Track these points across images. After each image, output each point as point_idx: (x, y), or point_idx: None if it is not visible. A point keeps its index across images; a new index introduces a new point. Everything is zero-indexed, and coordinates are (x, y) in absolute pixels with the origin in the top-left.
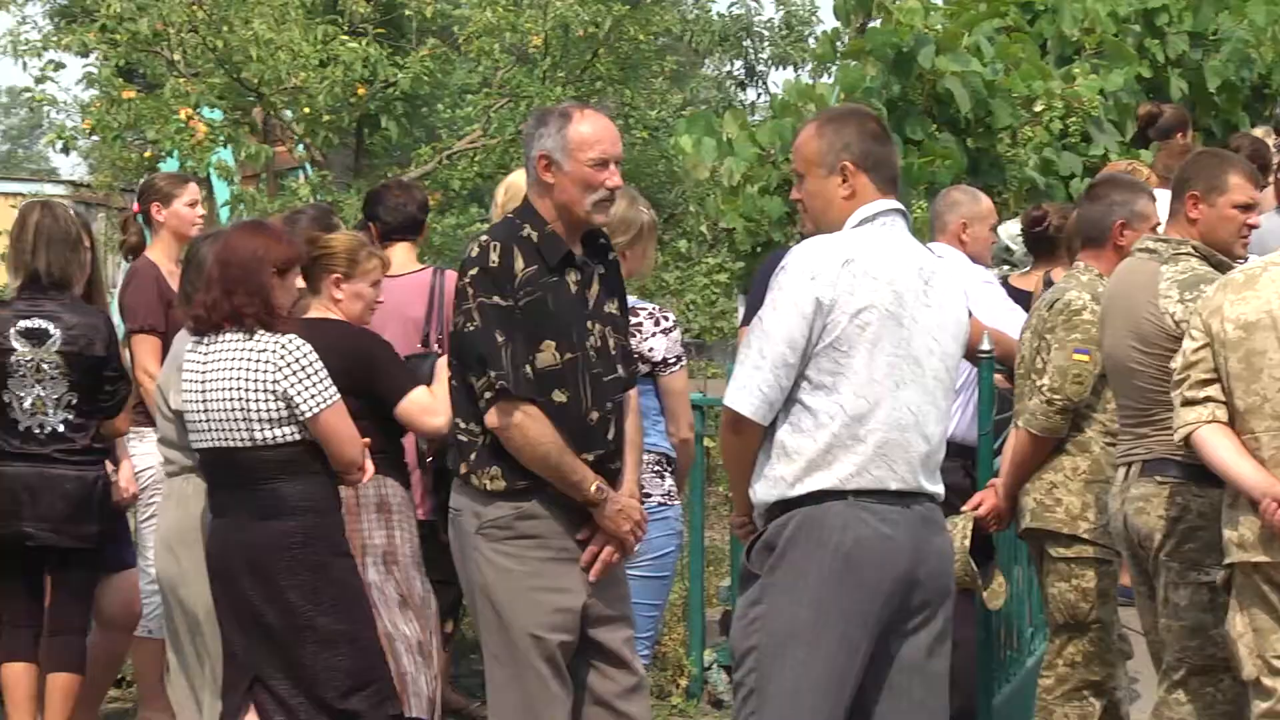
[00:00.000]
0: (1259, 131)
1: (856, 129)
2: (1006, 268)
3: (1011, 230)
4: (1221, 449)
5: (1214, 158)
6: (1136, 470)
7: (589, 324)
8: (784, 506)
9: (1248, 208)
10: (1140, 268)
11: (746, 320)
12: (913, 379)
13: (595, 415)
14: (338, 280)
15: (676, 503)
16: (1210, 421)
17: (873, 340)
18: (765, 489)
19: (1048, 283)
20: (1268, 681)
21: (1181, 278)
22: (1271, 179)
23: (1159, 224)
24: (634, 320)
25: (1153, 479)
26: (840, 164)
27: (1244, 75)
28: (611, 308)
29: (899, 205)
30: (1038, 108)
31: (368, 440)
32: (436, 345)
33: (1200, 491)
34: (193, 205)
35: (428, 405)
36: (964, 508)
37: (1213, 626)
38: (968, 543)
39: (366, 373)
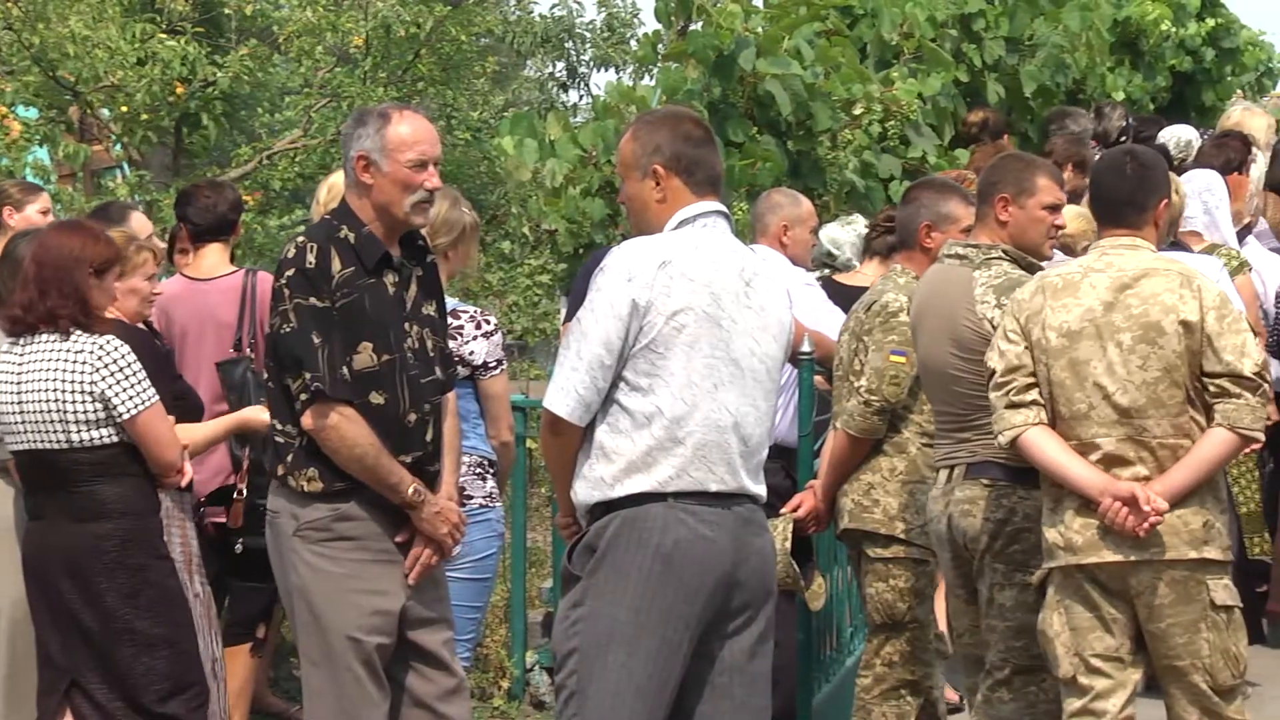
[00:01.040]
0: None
1: (670, 132)
2: (827, 270)
3: (832, 233)
4: (1051, 450)
5: (1020, 161)
6: (960, 473)
7: (406, 326)
8: (605, 508)
9: (1055, 208)
10: (952, 274)
11: (568, 321)
12: (732, 380)
13: (413, 417)
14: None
15: (498, 505)
16: (1037, 424)
17: (690, 342)
18: (586, 490)
19: None
20: (1084, 680)
21: (996, 282)
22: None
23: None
24: (455, 323)
25: (978, 481)
26: (652, 167)
27: (1059, 80)
28: (429, 309)
29: (720, 207)
30: (857, 111)
31: (187, 443)
32: (249, 350)
33: (1025, 494)
34: (45, 213)
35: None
36: (784, 510)
37: (1029, 629)
38: (789, 544)
39: None
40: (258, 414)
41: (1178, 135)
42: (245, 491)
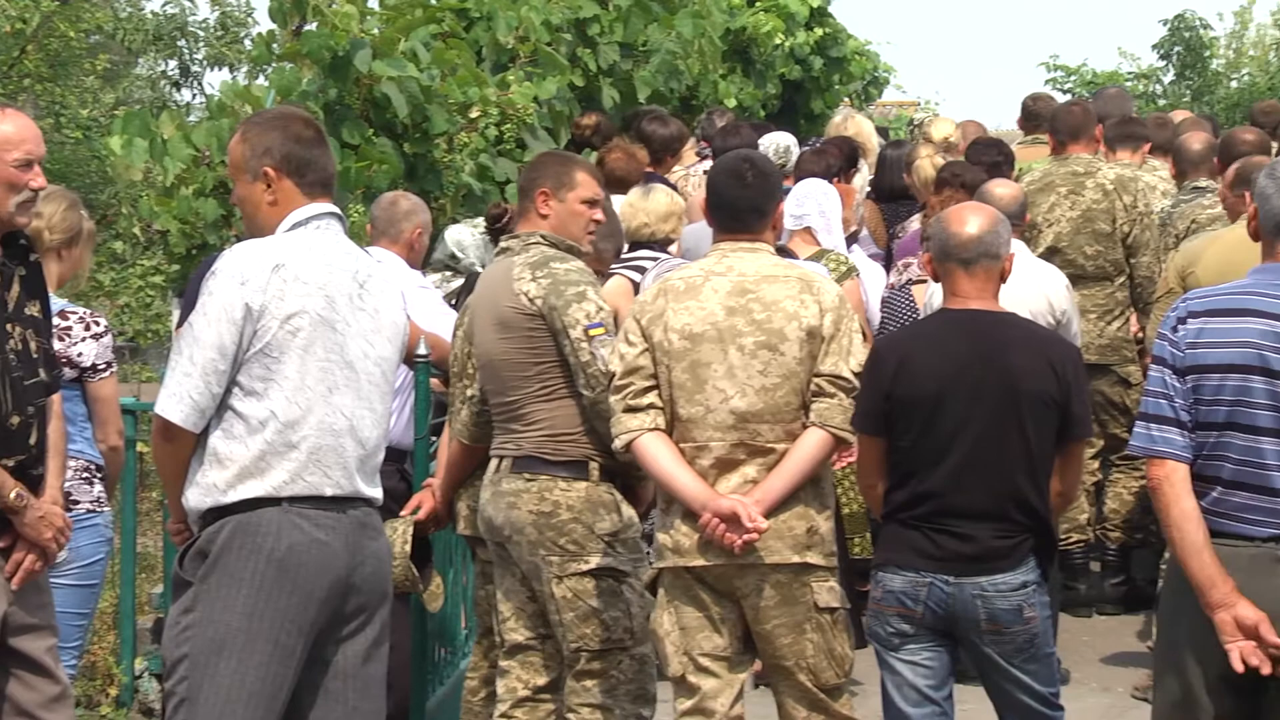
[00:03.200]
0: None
1: (280, 134)
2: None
3: (457, 235)
4: (662, 458)
5: (560, 158)
6: (508, 466)
7: (9, 327)
8: (217, 513)
9: (593, 203)
10: (498, 267)
11: (181, 323)
12: (346, 384)
13: (16, 420)
14: None
15: (106, 509)
16: (652, 429)
17: (304, 346)
18: (198, 496)
19: None
20: (693, 679)
21: (531, 260)
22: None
23: None
24: (64, 324)
25: (521, 476)
26: (262, 169)
27: (673, 86)
28: (33, 310)
29: (334, 209)
30: (474, 114)
31: None
32: None
33: (568, 486)
34: None
35: None
36: (403, 511)
37: (603, 611)
38: (408, 547)
39: None
40: None
41: (777, 142)
42: None
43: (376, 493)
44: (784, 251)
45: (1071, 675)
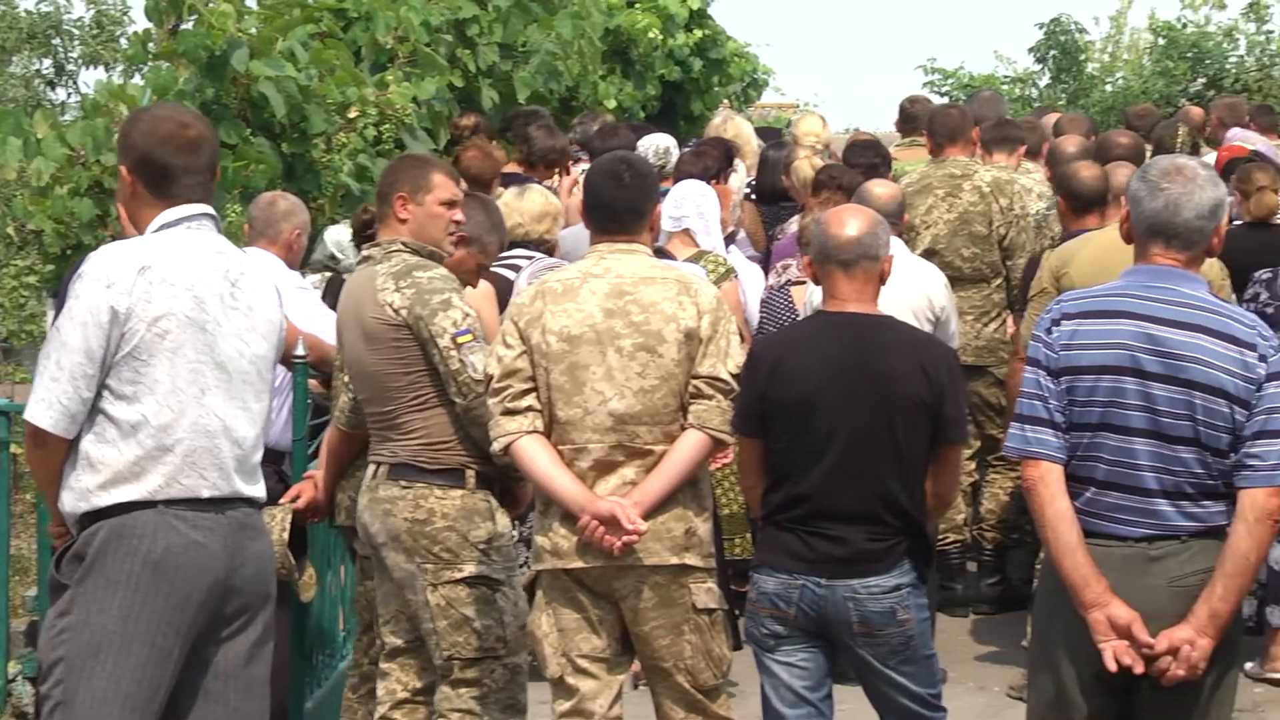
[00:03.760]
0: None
1: (147, 133)
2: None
3: (336, 235)
4: (540, 461)
5: (416, 161)
6: (384, 472)
7: None
8: (93, 517)
9: (452, 204)
10: (362, 275)
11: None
12: (219, 385)
13: None
14: None
15: None
16: (530, 432)
17: (174, 348)
18: (72, 500)
19: None
20: (571, 681)
21: (394, 269)
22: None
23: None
24: None
25: (397, 483)
26: (127, 168)
27: (552, 87)
28: None
29: (206, 209)
30: (352, 114)
31: None
32: None
33: (444, 494)
34: None
35: None
36: (282, 500)
37: (476, 620)
38: (286, 535)
39: None
40: None
41: (656, 143)
42: None
43: (258, 492)
44: (662, 253)
45: (948, 675)
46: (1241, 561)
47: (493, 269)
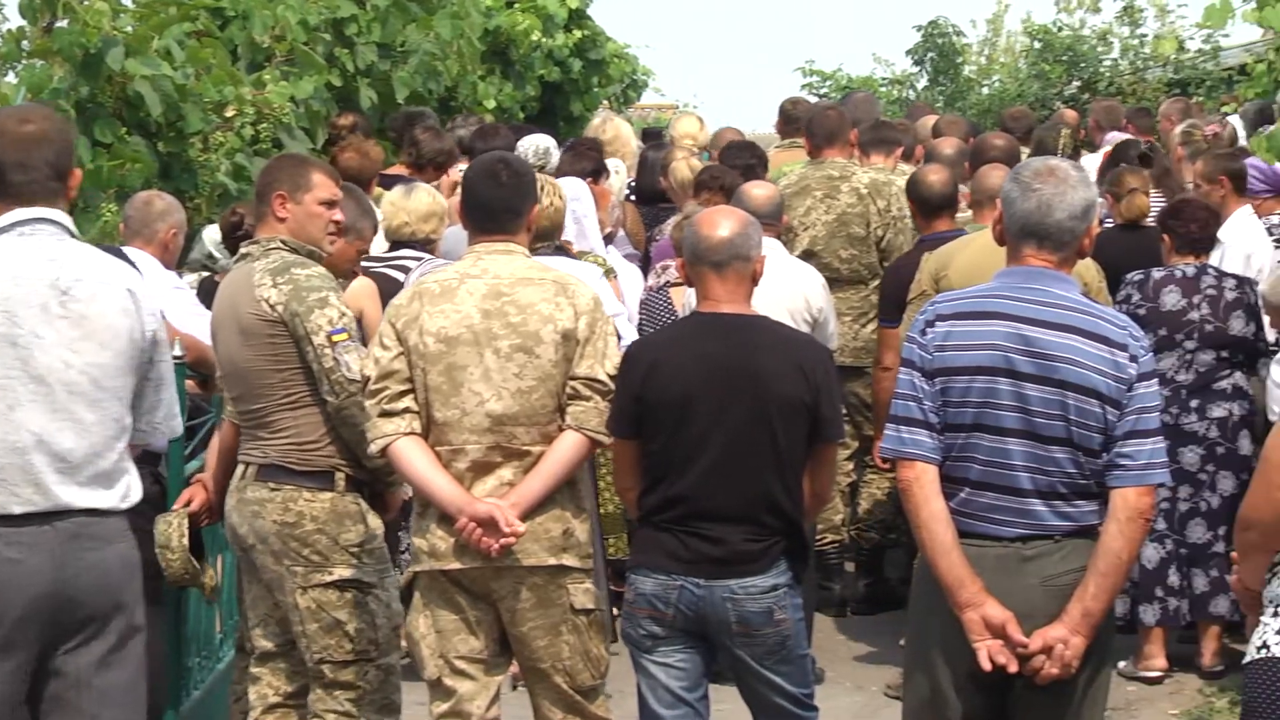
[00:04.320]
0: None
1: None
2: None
3: (215, 235)
4: (417, 462)
5: (296, 160)
6: (253, 473)
7: None
8: None
9: (330, 204)
10: (239, 272)
11: None
12: (34, 398)
13: None
14: None
15: None
16: (408, 434)
17: None
18: None
19: None
20: (449, 682)
21: (272, 266)
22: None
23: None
24: None
25: (266, 484)
26: None
27: (431, 87)
28: None
29: (45, 213)
30: (229, 113)
31: None
32: None
33: (313, 496)
34: None
35: None
36: (175, 505)
37: (347, 623)
38: (185, 540)
39: None
40: None
41: (536, 144)
42: None
43: (103, 501)
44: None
45: (826, 674)
46: (1114, 560)
47: (381, 270)
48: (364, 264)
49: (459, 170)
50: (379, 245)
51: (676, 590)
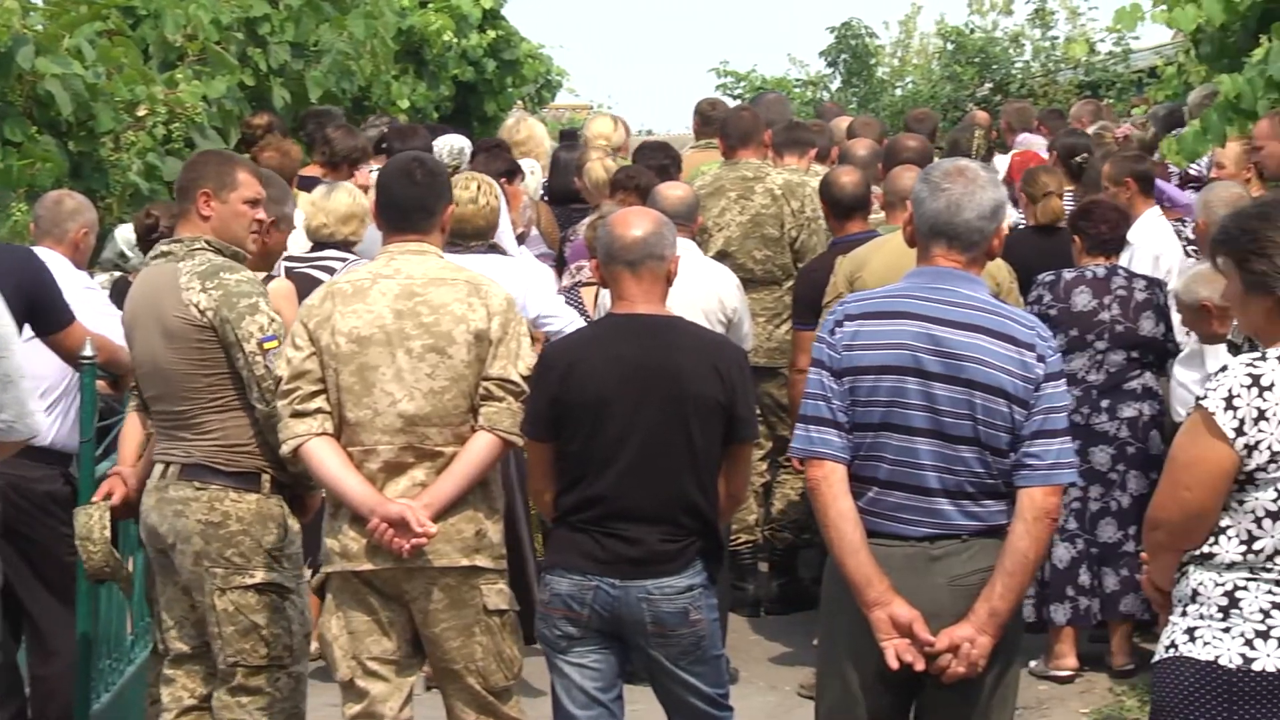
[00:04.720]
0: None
1: None
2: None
3: (128, 234)
4: (329, 463)
5: (221, 157)
6: (175, 472)
7: None
8: None
9: (255, 203)
10: (161, 271)
11: None
12: None
13: None
14: None
15: None
16: (319, 434)
17: None
18: None
19: None
20: (361, 683)
21: (200, 269)
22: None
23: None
24: None
25: (191, 484)
26: None
27: (345, 87)
28: None
29: None
30: (141, 112)
31: None
32: None
33: (239, 497)
34: None
35: None
36: (95, 497)
37: (264, 628)
38: (108, 532)
39: None
40: None
41: (451, 144)
42: None
43: None
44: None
45: (740, 674)
46: (1020, 560)
47: (304, 270)
48: (287, 264)
49: (370, 171)
50: (300, 245)
51: (592, 590)
